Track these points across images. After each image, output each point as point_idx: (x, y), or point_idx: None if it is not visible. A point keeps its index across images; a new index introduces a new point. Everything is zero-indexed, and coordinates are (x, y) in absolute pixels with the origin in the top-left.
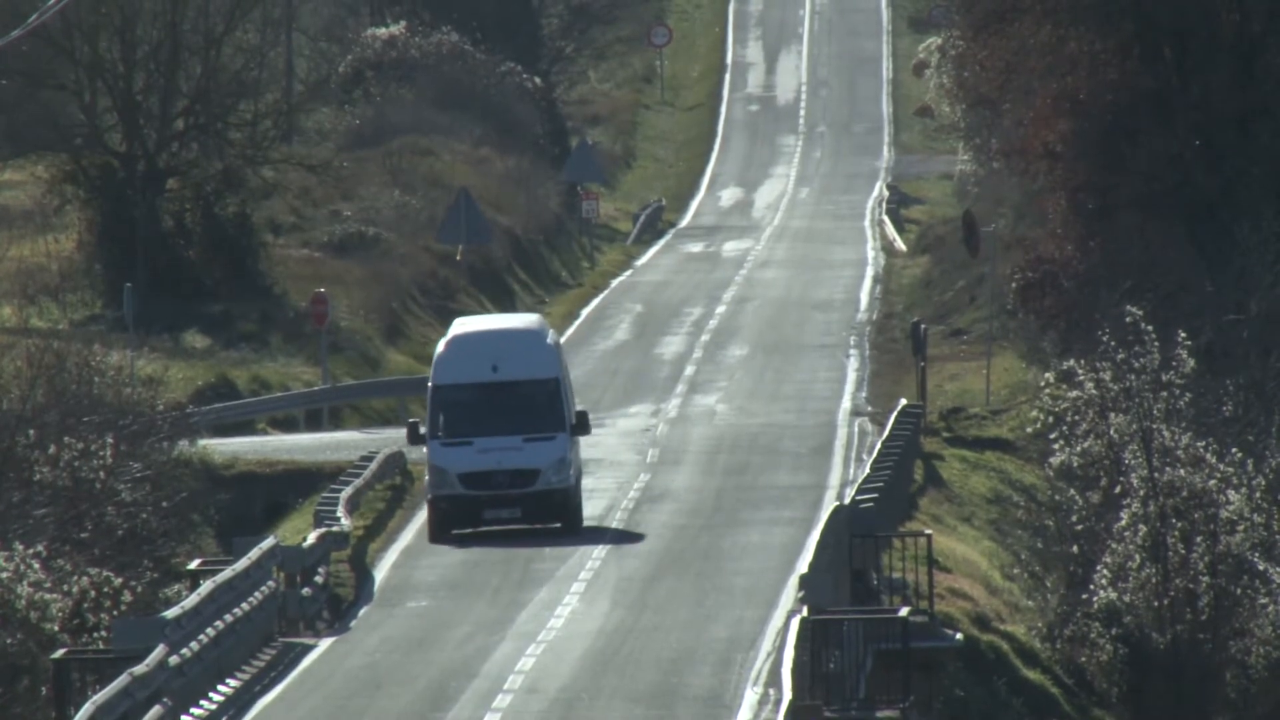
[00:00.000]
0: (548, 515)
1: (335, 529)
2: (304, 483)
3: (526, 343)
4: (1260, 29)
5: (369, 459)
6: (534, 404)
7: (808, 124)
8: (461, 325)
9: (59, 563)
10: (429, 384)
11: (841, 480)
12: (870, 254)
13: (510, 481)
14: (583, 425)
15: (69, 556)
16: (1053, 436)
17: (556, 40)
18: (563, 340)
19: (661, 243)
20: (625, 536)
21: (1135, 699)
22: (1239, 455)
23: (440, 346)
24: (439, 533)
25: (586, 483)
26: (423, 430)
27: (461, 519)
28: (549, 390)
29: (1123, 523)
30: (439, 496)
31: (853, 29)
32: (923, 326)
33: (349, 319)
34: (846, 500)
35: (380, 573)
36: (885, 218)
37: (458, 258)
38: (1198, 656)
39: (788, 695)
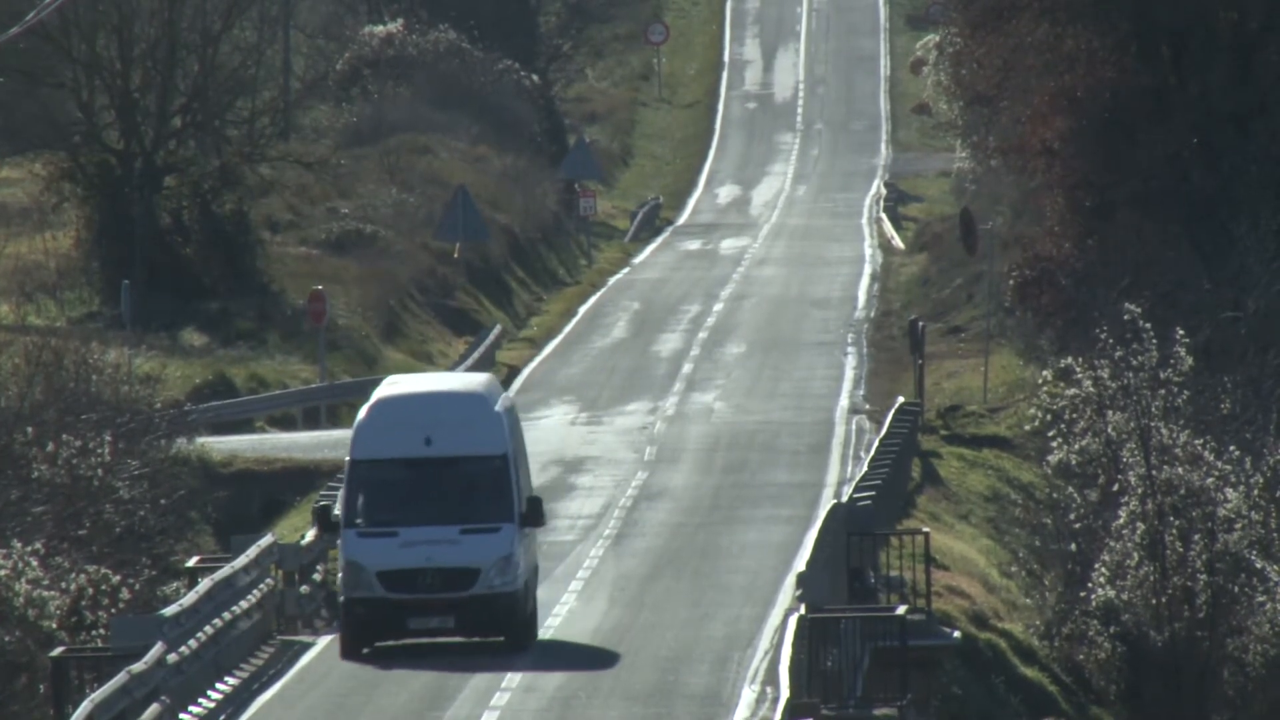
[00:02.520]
0: (488, 626)
1: None
2: (302, 480)
3: (469, 409)
4: (1258, 27)
5: None
6: (476, 486)
7: (805, 122)
8: (390, 386)
9: (57, 560)
10: (346, 458)
11: (839, 478)
12: (868, 252)
13: (442, 583)
14: (535, 514)
15: (67, 554)
16: (1050, 434)
17: (554, 38)
18: (560, 339)
19: (659, 240)
20: (590, 657)
21: (1133, 697)
22: (1237, 453)
23: (362, 412)
24: (352, 646)
25: (583, 481)
26: (336, 515)
27: (381, 628)
28: (495, 469)
29: (1120, 521)
30: (353, 600)
31: (850, 26)
32: (920, 324)
33: (347, 317)
34: (844, 498)
35: None
36: (883, 215)
37: (455, 255)
38: (1195, 654)
39: (785, 693)
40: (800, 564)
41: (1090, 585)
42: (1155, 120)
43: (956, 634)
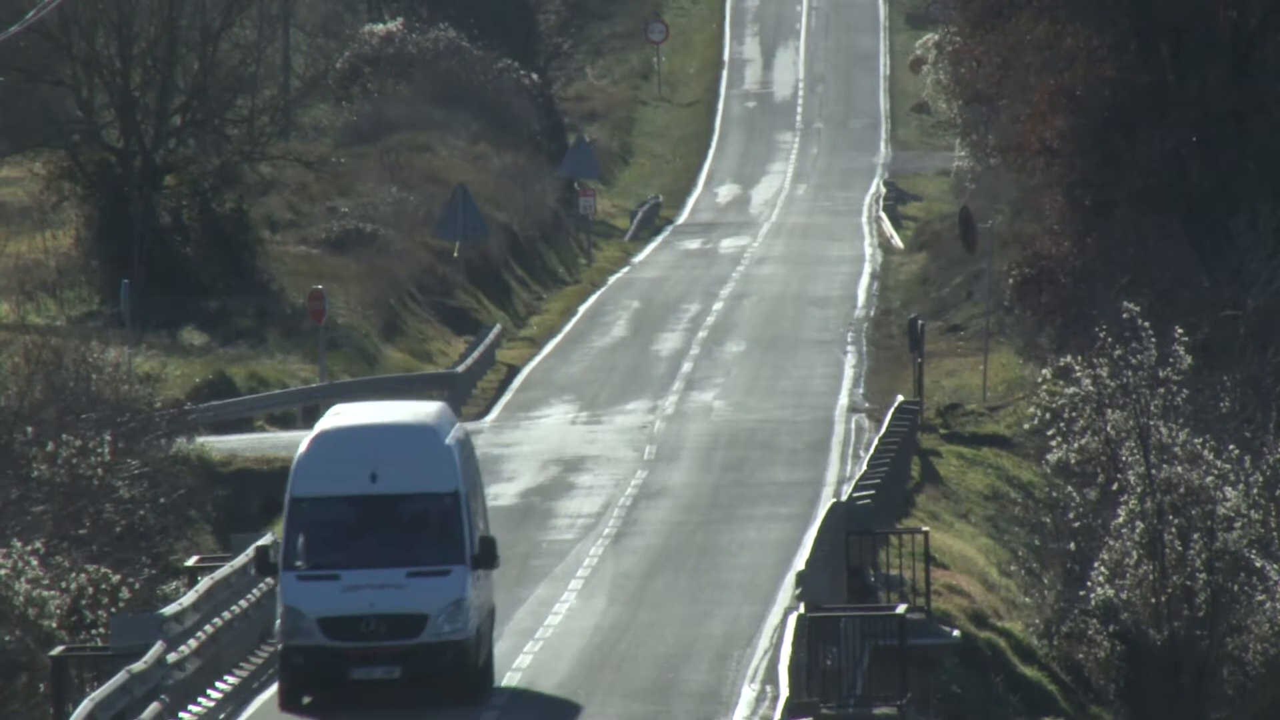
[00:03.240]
0: (437, 676)
1: None
2: None
3: (418, 443)
4: (1257, 25)
5: None
6: (424, 526)
7: (805, 120)
8: (335, 416)
9: (57, 559)
10: (286, 495)
11: (838, 477)
12: (867, 250)
13: (387, 630)
14: (489, 556)
15: (67, 553)
16: (1050, 433)
17: (554, 36)
18: (560, 338)
19: (659, 239)
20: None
21: (1132, 695)
22: (1236, 452)
23: (303, 445)
24: (291, 696)
25: (583, 479)
26: (275, 557)
27: (322, 679)
28: (445, 508)
29: (1120, 519)
30: (292, 648)
31: (850, 25)
32: (920, 322)
33: (346, 315)
34: (844, 497)
35: None
36: (882, 214)
37: (455, 254)
38: (1195, 653)
39: (785, 692)
40: (800, 562)
41: (1089, 584)
42: (1154, 118)
43: (956, 633)
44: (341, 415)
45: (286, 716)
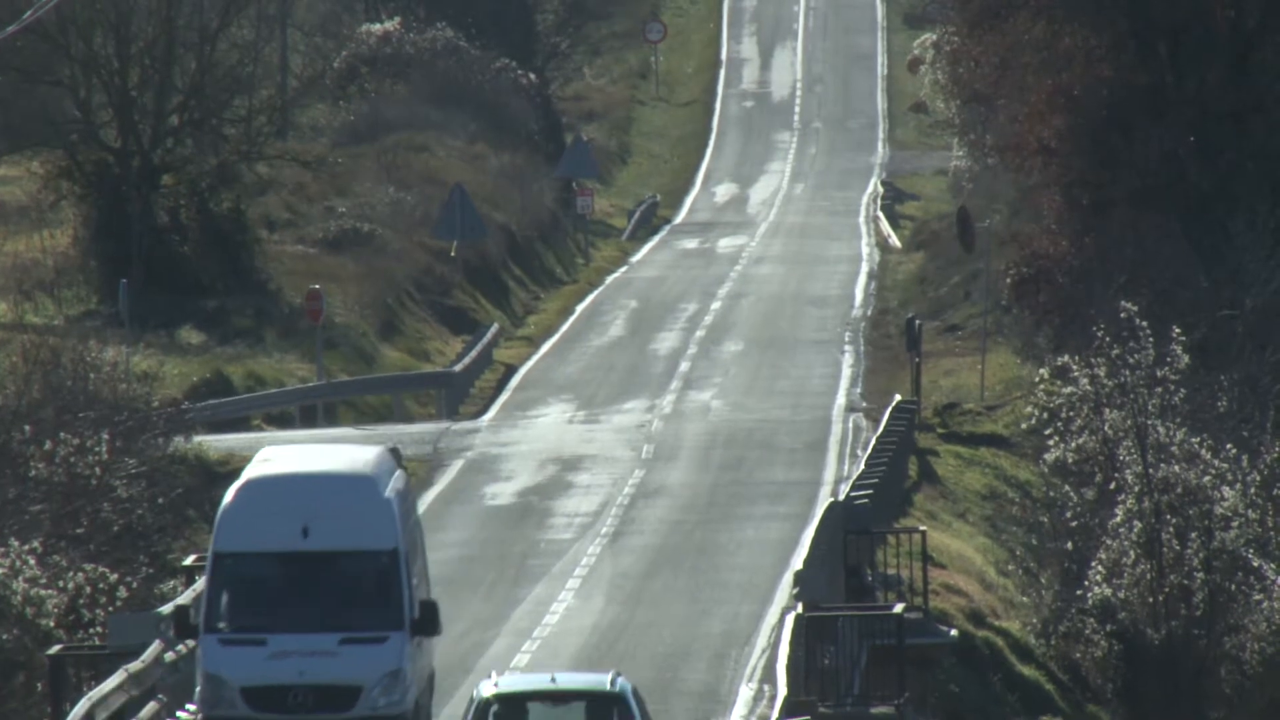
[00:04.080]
0: None
1: None
2: None
3: (354, 494)
4: (1255, 24)
5: None
6: (360, 587)
7: (803, 120)
8: (264, 463)
9: (54, 559)
10: (209, 550)
11: (836, 476)
12: (865, 250)
13: (317, 702)
14: (430, 622)
15: (64, 552)
16: (1047, 432)
17: (551, 36)
18: (558, 338)
19: (656, 239)
20: None
21: (1130, 695)
22: (1234, 451)
23: (228, 494)
24: None
25: (580, 479)
26: (195, 617)
27: None
28: (383, 567)
29: (1117, 519)
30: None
31: (847, 25)
32: (917, 322)
33: (344, 315)
34: (841, 496)
35: None
36: (880, 214)
37: (453, 254)
38: (1192, 652)
39: (783, 691)
40: (798, 562)
41: (1087, 583)
42: (1152, 118)
43: (953, 632)
44: (271, 462)
45: None
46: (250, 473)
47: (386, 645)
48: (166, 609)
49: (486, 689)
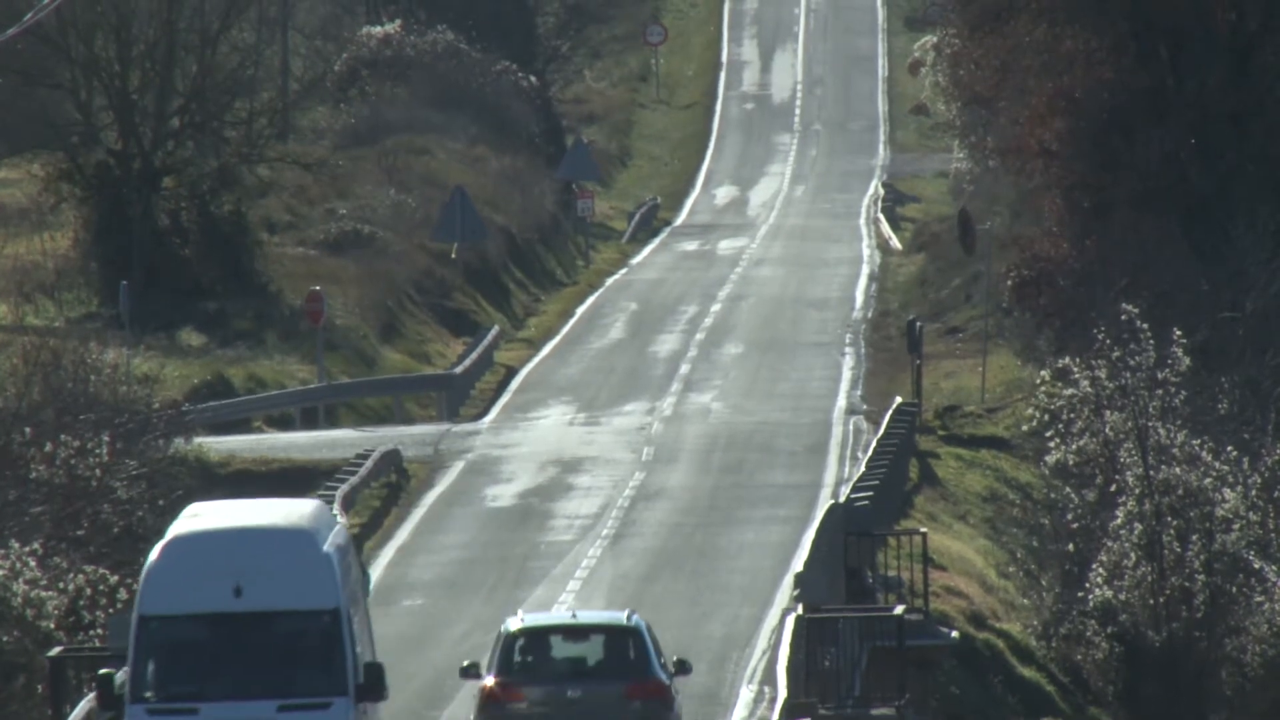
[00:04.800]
0: None
1: None
2: (300, 481)
3: (291, 550)
4: (1256, 27)
5: (364, 457)
6: (299, 650)
7: (803, 122)
8: (192, 518)
9: (55, 560)
10: (134, 612)
11: (837, 478)
12: (866, 252)
13: None
14: (375, 685)
15: (65, 554)
16: (1048, 434)
17: (552, 39)
18: (558, 340)
19: (657, 241)
20: None
21: (1130, 697)
22: (1234, 453)
23: (154, 553)
24: None
25: (581, 481)
26: (121, 684)
27: None
28: (323, 629)
29: (1118, 521)
30: None
31: (848, 27)
32: (918, 324)
33: (344, 317)
34: (842, 498)
35: (376, 571)
36: (880, 216)
37: (453, 256)
38: (1193, 654)
39: (783, 693)
40: (798, 564)
41: (1088, 585)
42: (1153, 120)
43: (954, 634)
44: (200, 517)
45: None
46: (177, 529)
47: (330, 712)
48: None
49: (513, 624)
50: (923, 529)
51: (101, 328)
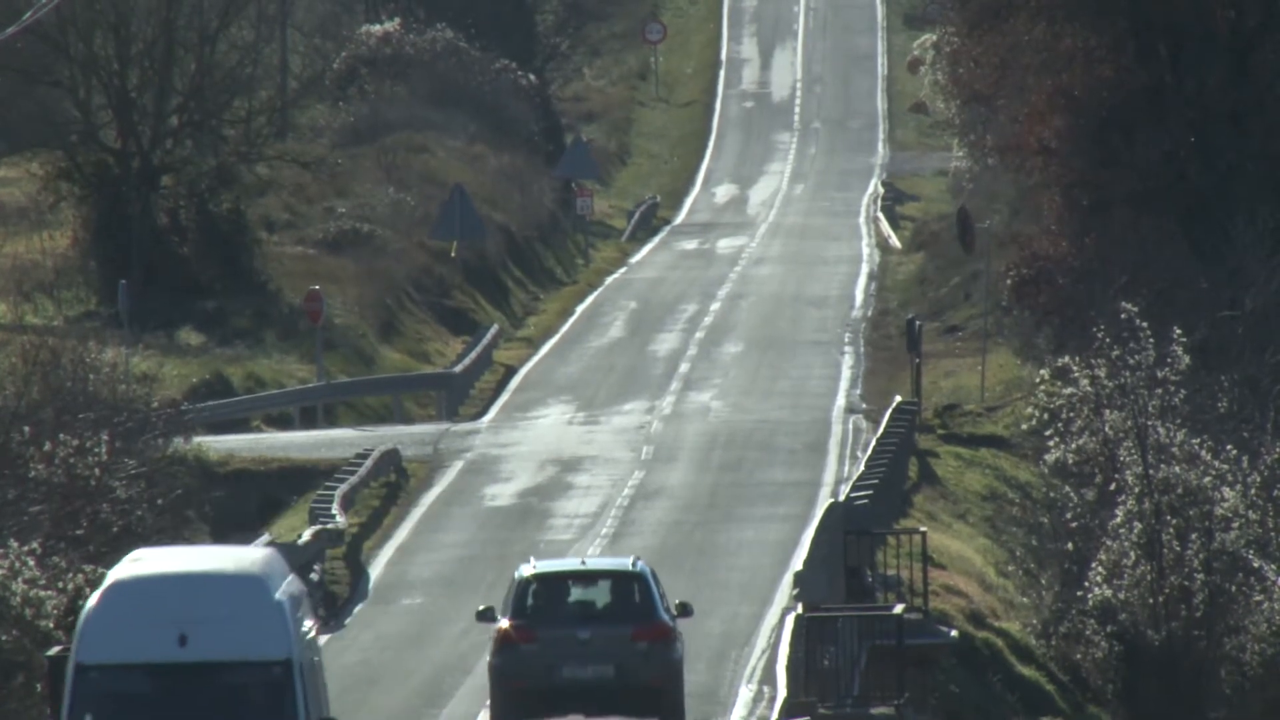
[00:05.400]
0: None
1: (330, 526)
2: (299, 480)
3: (240, 597)
4: (1255, 25)
5: (364, 456)
6: (247, 704)
7: (802, 120)
8: (135, 562)
9: (54, 560)
10: (70, 661)
11: (836, 477)
12: (865, 250)
13: None
14: None
15: (64, 553)
16: (1047, 433)
17: (551, 37)
18: (557, 339)
19: (656, 239)
20: None
21: (1130, 696)
22: (1234, 452)
23: (93, 598)
24: None
25: (580, 480)
26: None
27: None
28: (274, 681)
29: (1118, 520)
30: None
31: (847, 25)
32: (918, 323)
33: (343, 316)
34: (841, 497)
35: (375, 570)
36: (880, 214)
37: (452, 255)
38: (1192, 653)
39: (782, 692)
40: (797, 563)
41: (1087, 584)
42: (1152, 119)
43: (954, 633)
44: (143, 561)
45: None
46: (118, 573)
47: None
48: None
49: (526, 570)
50: (922, 528)
51: (100, 326)
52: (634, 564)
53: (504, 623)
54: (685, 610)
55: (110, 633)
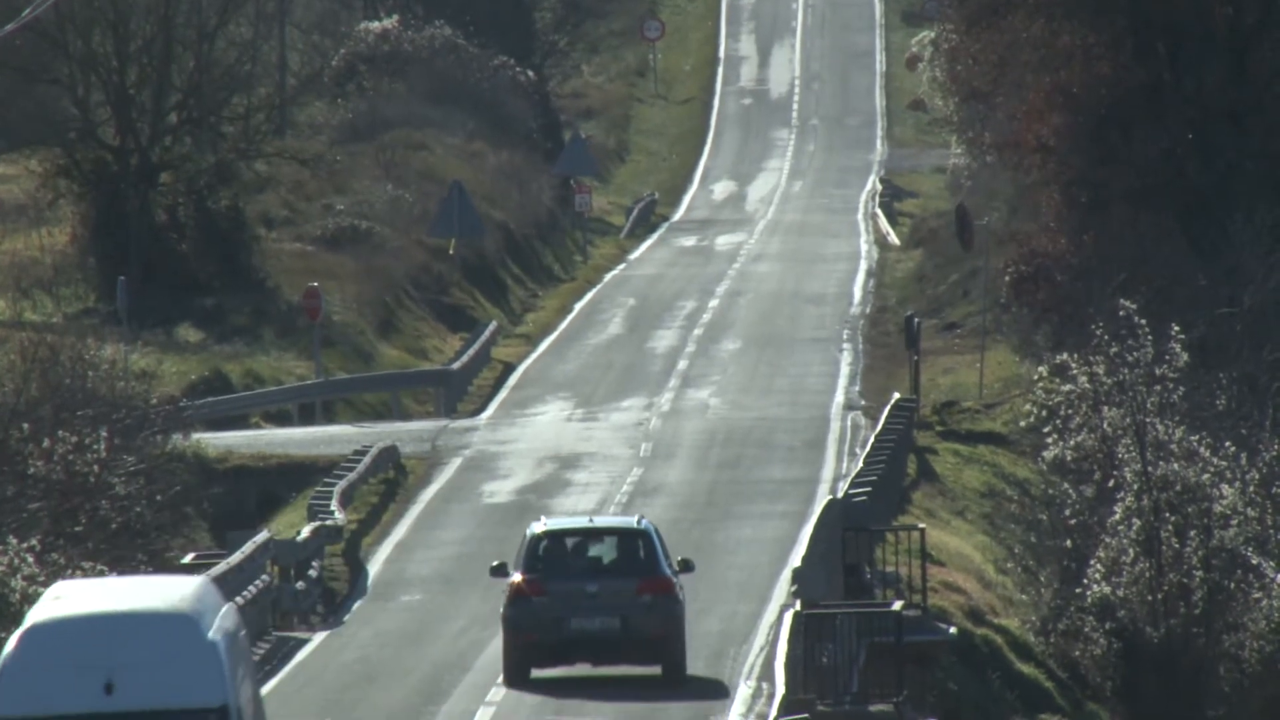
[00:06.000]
0: None
1: (329, 523)
2: (297, 476)
3: (171, 637)
4: (1253, 22)
5: (362, 453)
6: None
7: (801, 118)
8: (55, 601)
9: (53, 556)
10: None
11: (835, 474)
12: (863, 248)
13: None
14: None
15: (63, 550)
16: (1046, 430)
17: (549, 34)
18: (556, 336)
19: (655, 236)
20: None
21: (1128, 693)
22: (1232, 449)
23: (9, 643)
24: None
25: (578, 477)
26: None
27: None
28: None
29: (1116, 517)
30: None
31: (845, 23)
32: (916, 320)
33: (342, 313)
34: (840, 494)
35: (374, 566)
36: (878, 211)
37: (450, 252)
38: (1191, 650)
39: (781, 689)
40: (796, 560)
41: (1086, 581)
42: (1151, 116)
43: (952, 630)
44: (64, 600)
45: (342, 658)
46: (37, 615)
47: None
48: None
49: (537, 528)
50: (921, 525)
51: (99, 323)
52: (639, 522)
53: (516, 577)
54: (687, 566)
55: (30, 682)
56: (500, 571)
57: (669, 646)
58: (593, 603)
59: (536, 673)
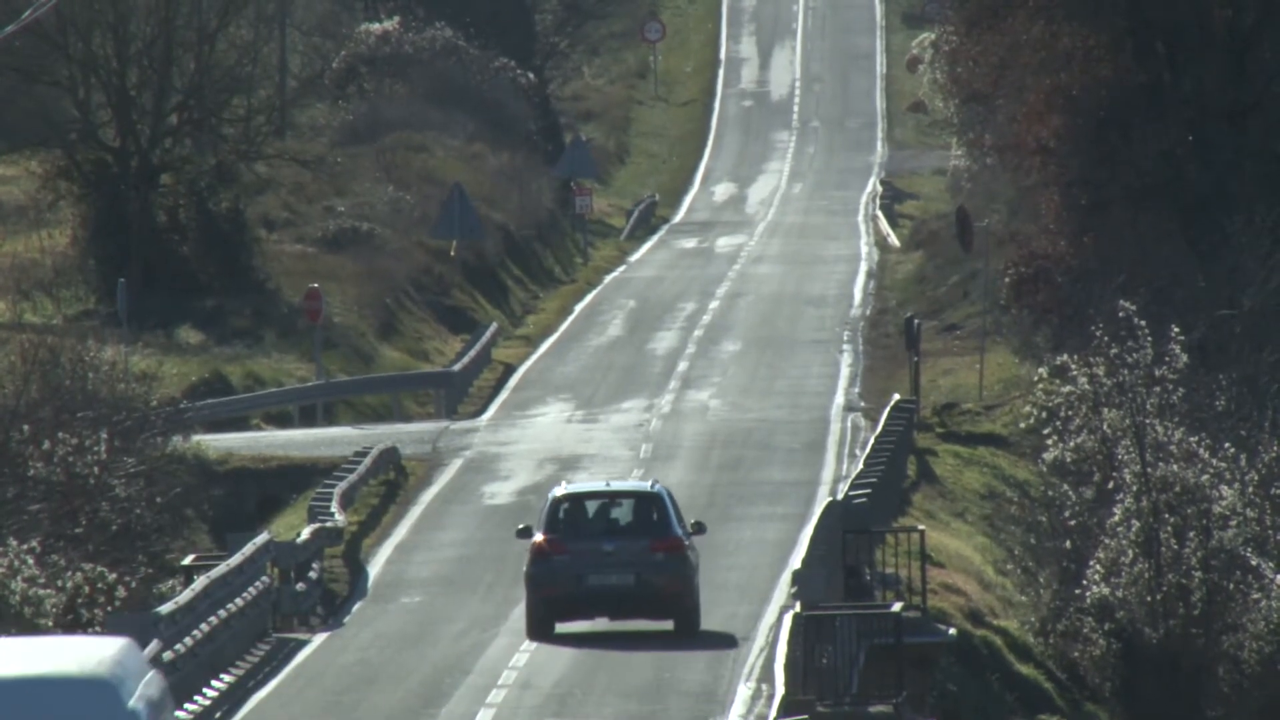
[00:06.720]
0: None
1: (329, 524)
2: (298, 478)
3: (85, 705)
4: (1253, 23)
5: (363, 455)
6: None
7: (801, 119)
8: None
9: (53, 558)
10: None
11: (834, 476)
12: (864, 249)
13: None
14: None
15: (63, 552)
16: (1046, 432)
17: (550, 36)
18: (556, 337)
19: (655, 238)
20: None
21: (1128, 694)
22: (1232, 450)
23: None
24: None
25: (580, 478)
26: None
27: None
28: None
29: (1115, 518)
30: None
31: (846, 25)
32: (916, 322)
33: (342, 315)
34: (839, 496)
35: (374, 568)
36: (879, 213)
37: (451, 254)
38: (1190, 651)
39: (780, 690)
40: (796, 561)
41: (1085, 582)
42: (1150, 117)
43: (952, 631)
44: None
45: (342, 661)
46: None
47: None
48: (166, 608)
49: (559, 492)
50: (921, 526)
51: (99, 325)
52: (653, 486)
53: (539, 537)
54: (699, 528)
55: None
56: (525, 533)
57: (681, 602)
58: (609, 560)
59: (561, 627)
